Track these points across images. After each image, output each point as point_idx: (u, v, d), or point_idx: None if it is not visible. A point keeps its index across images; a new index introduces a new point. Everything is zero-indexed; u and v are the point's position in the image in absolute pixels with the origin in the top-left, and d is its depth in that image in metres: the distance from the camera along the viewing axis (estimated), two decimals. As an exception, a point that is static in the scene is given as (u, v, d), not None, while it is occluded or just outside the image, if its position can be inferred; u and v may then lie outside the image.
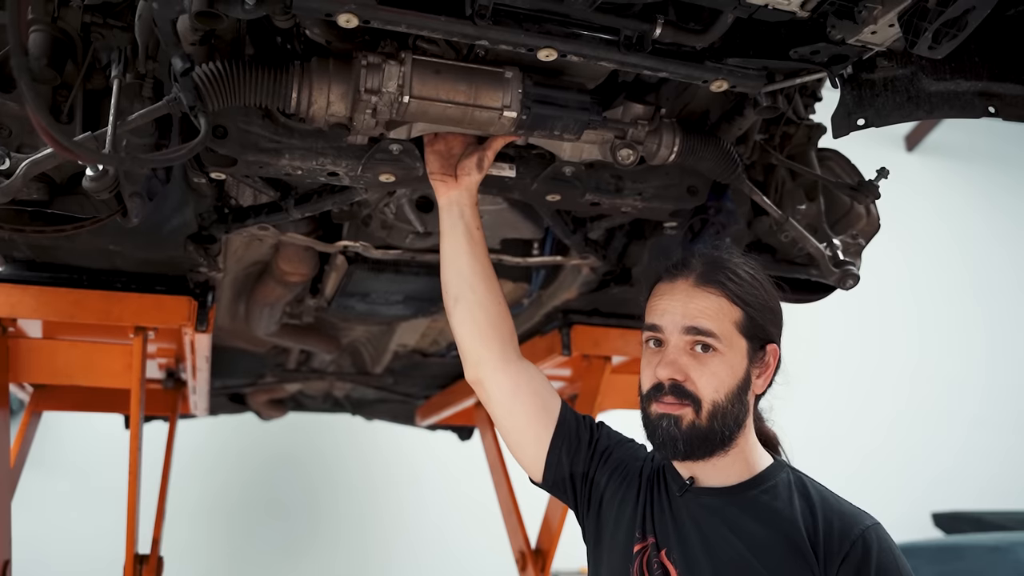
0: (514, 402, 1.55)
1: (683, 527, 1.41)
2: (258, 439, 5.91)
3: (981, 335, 8.79)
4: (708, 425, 1.37)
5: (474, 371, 1.58)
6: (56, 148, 0.97)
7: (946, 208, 8.99)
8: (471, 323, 1.56)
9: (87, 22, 1.44)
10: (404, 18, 1.24)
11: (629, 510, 1.47)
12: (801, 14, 1.28)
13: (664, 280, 1.46)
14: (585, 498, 1.54)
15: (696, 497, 1.42)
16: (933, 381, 8.47)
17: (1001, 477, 8.08)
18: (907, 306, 8.39)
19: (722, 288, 1.40)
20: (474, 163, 1.59)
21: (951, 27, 1.26)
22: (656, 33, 1.33)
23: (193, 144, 1.20)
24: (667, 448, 1.38)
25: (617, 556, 1.45)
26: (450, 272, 1.58)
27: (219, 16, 1.28)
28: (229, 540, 6.08)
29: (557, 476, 1.54)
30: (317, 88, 1.41)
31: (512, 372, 1.56)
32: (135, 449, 2.27)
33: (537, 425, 1.55)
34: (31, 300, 2.09)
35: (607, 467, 1.54)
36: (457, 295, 1.57)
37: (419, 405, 4.52)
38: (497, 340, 1.56)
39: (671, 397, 1.37)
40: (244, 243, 2.19)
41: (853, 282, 1.80)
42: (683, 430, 1.36)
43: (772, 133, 1.92)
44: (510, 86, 1.44)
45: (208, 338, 2.33)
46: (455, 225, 1.58)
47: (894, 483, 7.78)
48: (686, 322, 1.38)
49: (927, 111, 1.52)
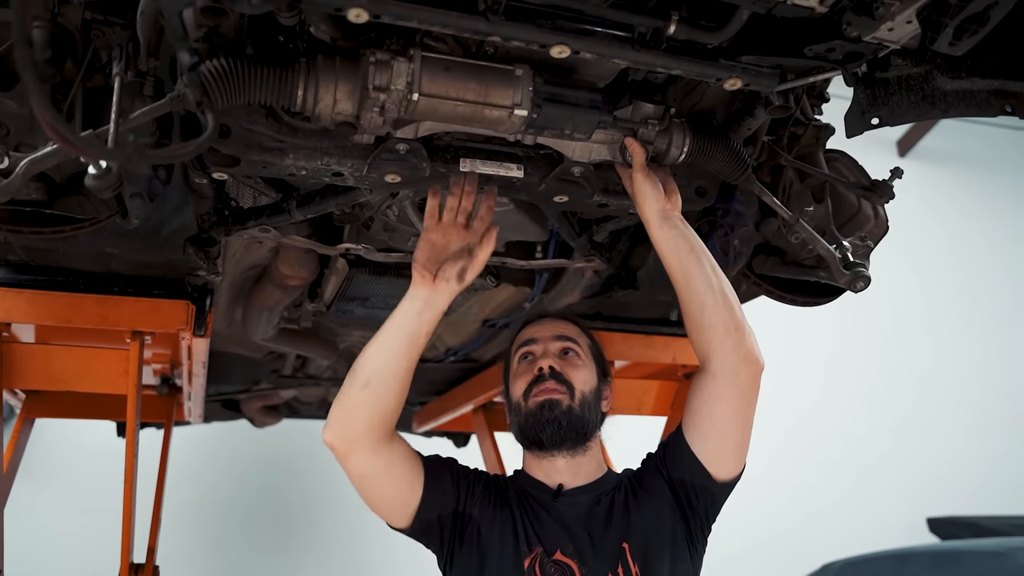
0: (385, 476, 1.62)
1: (569, 525, 1.64)
2: (252, 446, 5.86)
3: (976, 340, 8.82)
4: (580, 412, 1.69)
5: (344, 443, 1.58)
6: (63, 144, 0.94)
7: (939, 212, 9.02)
8: (368, 410, 1.56)
9: (87, 19, 1.41)
10: (416, 13, 1.21)
11: (509, 529, 1.64)
12: (820, 10, 1.26)
13: (530, 322, 1.88)
14: (459, 533, 1.66)
15: (571, 497, 1.69)
16: (928, 387, 8.49)
17: (996, 482, 8.10)
18: (900, 310, 8.41)
19: (575, 323, 1.87)
20: (456, 272, 1.57)
21: (972, 23, 1.24)
22: (670, 30, 1.31)
23: (201, 140, 1.17)
24: (551, 429, 1.67)
25: (508, 572, 1.60)
26: (376, 357, 1.57)
27: (225, 12, 1.25)
28: (222, 548, 6.02)
29: (424, 522, 1.65)
30: (324, 86, 1.38)
31: (385, 452, 1.61)
32: (131, 456, 2.23)
33: (406, 489, 1.64)
34: (26, 304, 2.04)
35: (475, 499, 1.69)
36: (370, 380, 1.55)
37: (415, 411, 4.48)
38: (382, 429, 1.59)
39: (552, 382, 1.69)
40: (243, 246, 2.15)
41: (864, 284, 1.77)
42: (563, 411, 1.67)
43: (780, 134, 1.90)
44: (521, 84, 1.41)
45: (206, 343, 2.29)
46: (407, 321, 1.57)
47: (890, 488, 7.79)
48: (556, 333, 1.80)
49: (942, 110, 1.51)
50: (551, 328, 1.83)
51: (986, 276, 9.12)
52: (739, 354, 1.59)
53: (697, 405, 1.65)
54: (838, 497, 7.55)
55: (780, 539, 6.99)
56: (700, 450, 1.65)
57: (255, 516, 6.18)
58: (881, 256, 1.94)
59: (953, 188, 9.29)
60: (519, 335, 1.86)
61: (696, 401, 1.65)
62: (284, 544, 6.09)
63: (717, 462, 1.65)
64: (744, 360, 1.59)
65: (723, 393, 1.60)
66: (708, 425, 1.63)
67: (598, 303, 2.53)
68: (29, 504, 5.34)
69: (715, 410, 1.62)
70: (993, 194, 9.61)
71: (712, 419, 1.63)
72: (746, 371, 1.59)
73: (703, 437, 1.64)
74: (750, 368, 1.60)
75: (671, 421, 2.92)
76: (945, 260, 8.91)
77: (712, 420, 1.63)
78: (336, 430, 1.58)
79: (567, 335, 1.81)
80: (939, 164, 9.32)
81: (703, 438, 1.65)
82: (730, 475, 1.67)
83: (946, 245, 8.93)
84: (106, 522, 5.04)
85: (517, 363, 1.81)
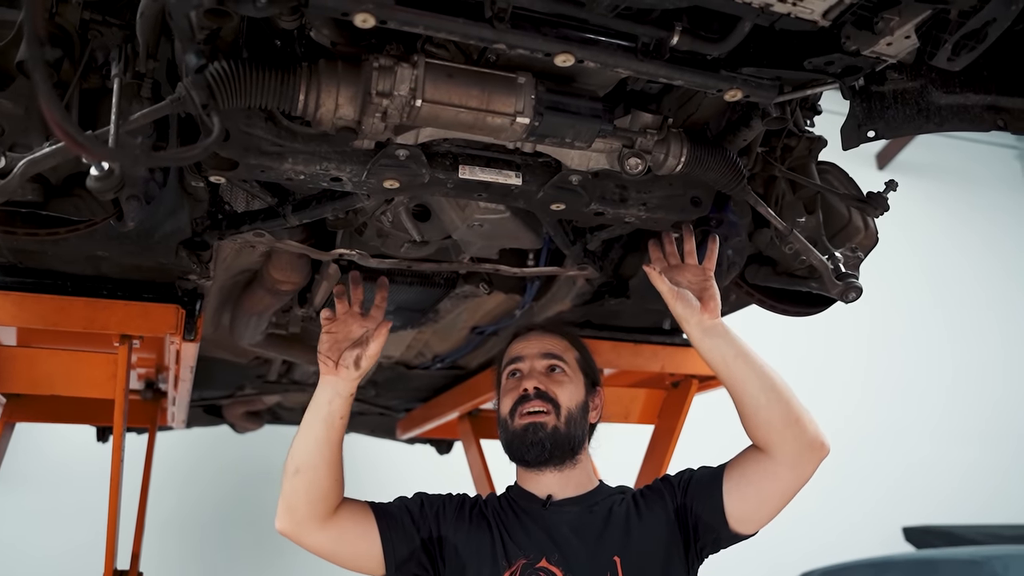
0: (340, 544, 1.67)
1: (557, 533, 1.65)
2: (234, 451, 5.79)
3: (947, 351, 8.92)
4: (566, 430, 1.72)
5: (293, 528, 1.65)
6: (73, 146, 0.93)
7: (914, 225, 9.13)
8: (304, 494, 1.63)
9: (85, 19, 1.40)
10: (422, 19, 1.21)
11: (487, 545, 1.67)
12: (822, 23, 1.28)
13: (518, 335, 1.90)
14: (440, 557, 1.69)
15: (560, 507, 1.71)
16: (900, 396, 8.58)
17: (970, 492, 8.19)
18: (874, 321, 8.48)
19: (564, 335, 1.88)
20: (352, 360, 1.65)
21: (970, 39, 1.26)
22: (674, 40, 1.32)
23: (208, 142, 1.16)
24: (535, 450, 1.70)
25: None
26: (300, 445, 1.64)
27: (229, 14, 1.25)
28: (204, 554, 5.95)
29: (401, 562, 1.67)
30: (325, 90, 1.37)
31: (333, 527, 1.66)
32: (117, 461, 2.21)
33: (364, 546, 1.66)
34: (12, 307, 2.01)
35: (447, 521, 1.72)
36: (299, 467, 1.63)
37: (400, 418, 4.46)
38: (323, 508, 1.64)
39: (538, 401, 1.72)
40: (234, 250, 2.13)
41: (856, 295, 1.80)
42: (548, 433, 1.70)
43: (774, 145, 1.92)
44: (523, 92, 1.42)
45: (195, 348, 2.27)
46: (321, 408, 1.64)
47: (865, 498, 7.85)
48: (543, 350, 1.82)
49: (937, 124, 1.53)
50: (538, 344, 1.84)
51: (960, 287, 9.25)
52: (802, 443, 1.58)
53: (749, 472, 1.63)
54: (813, 507, 7.58)
55: (757, 548, 6.95)
56: (731, 504, 1.63)
57: (235, 521, 6.11)
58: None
59: (928, 201, 9.41)
60: (508, 349, 1.89)
61: (749, 468, 1.63)
62: (263, 550, 6.02)
63: (741, 519, 1.63)
64: (809, 447, 1.59)
65: (781, 475, 1.60)
66: (753, 492, 1.62)
67: (588, 311, 2.54)
68: (5, 509, 5.27)
69: (766, 485, 1.61)
70: (971, 204, 9.76)
71: (759, 490, 1.61)
72: (810, 458, 1.59)
73: (742, 497, 1.63)
74: (815, 455, 1.59)
75: (658, 430, 2.93)
76: (920, 272, 9.01)
77: (759, 491, 1.61)
78: (283, 519, 1.65)
79: (553, 352, 1.82)
80: (918, 177, 9.45)
81: (741, 498, 1.63)
82: (746, 532, 1.66)
83: (921, 257, 9.04)
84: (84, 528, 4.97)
85: (506, 378, 1.84)
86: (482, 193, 1.66)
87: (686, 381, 2.81)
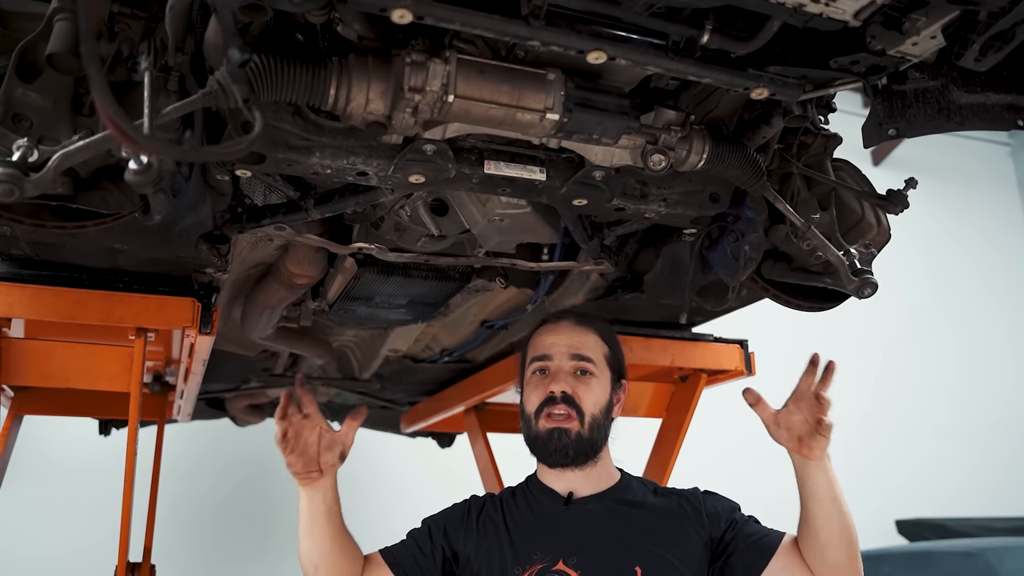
0: None
1: (577, 535, 1.66)
2: (239, 443, 5.79)
3: (945, 345, 8.99)
4: (589, 435, 1.72)
5: None
6: (126, 140, 0.93)
7: (912, 220, 9.17)
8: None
9: (114, 12, 1.40)
10: (459, 16, 1.21)
11: (496, 552, 1.69)
12: (853, 23, 1.29)
13: (548, 323, 1.87)
14: (457, 570, 1.74)
15: (581, 506, 1.72)
16: (895, 390, 8.65)
17: (962, 485, 8.27)
18: (871, 315, 8.53)
19: (595, 329, 1.85)
20: (337, 456, 1.66)
21: (997, 40, 1.28)
22: (704, 39, 1.33)
23: (253, 136, 1.16)
24: (558, 456, 1.71)
25: None
26: (309, 547, 1.68)
27: (264, 9, 1.25)
28: (210, 547, 5.95)
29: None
30: (356, 85, 1.38)
31: None
32: (132, 455, 2.20)
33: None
34: (29, 299, 2.01)
35: (456, 537, 1.75)
36: (317, 564, 1.68)
37: (404, 412, 4.47)
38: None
39: (563, 406, 1.71)
40: (251, 243, 2.13)
41: (871, 291, 1.81)
42: (572, 439, 1.70)
43: (790, 142, 1.94)
44: (553, 88, 1.43)
45: (210, 341, 2.27)
46: (318, 509, 1.67)
47: (858, 490, 7.84)
48: (572, 350, 1.78)
49: (957, 123, 1.55)
50: (567, 339, 1.80)
51: (959, 283, 9.31)
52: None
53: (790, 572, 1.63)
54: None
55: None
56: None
57: (240, 514, 6.12)
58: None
59: (925, 197, 9.44)
60: (537, 338, 1.85)
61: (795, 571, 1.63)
62: (269, 542, 6.03)
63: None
64: None
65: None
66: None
67: (601, 305, 2.55)
68: (10, 503, 5.24)
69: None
70: (969, 200, 9.82)
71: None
72: None
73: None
74: None
75: (666, 424, 2.95)
76: (918, 268, 9.07)
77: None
78: None
79: (582, 353, 1.78)
80: (913, 173, 9.46)
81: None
82: None
83: (919, 253, 9.09)
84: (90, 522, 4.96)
85: (531, 373, 1.81)
86: (506, 188, 1.67)
87: (695, 375, 2.83)
